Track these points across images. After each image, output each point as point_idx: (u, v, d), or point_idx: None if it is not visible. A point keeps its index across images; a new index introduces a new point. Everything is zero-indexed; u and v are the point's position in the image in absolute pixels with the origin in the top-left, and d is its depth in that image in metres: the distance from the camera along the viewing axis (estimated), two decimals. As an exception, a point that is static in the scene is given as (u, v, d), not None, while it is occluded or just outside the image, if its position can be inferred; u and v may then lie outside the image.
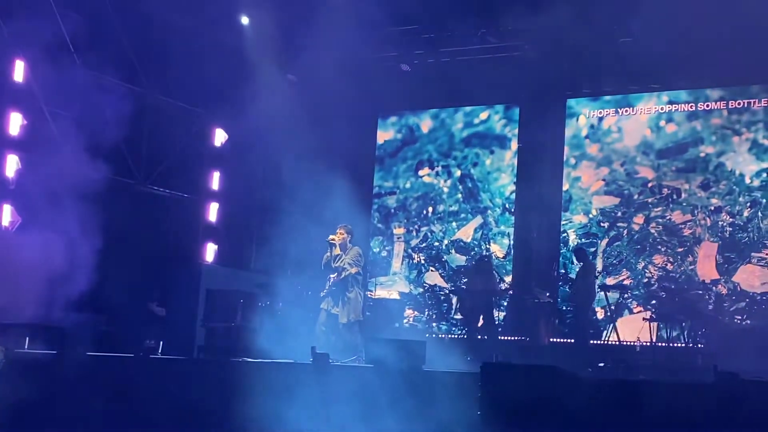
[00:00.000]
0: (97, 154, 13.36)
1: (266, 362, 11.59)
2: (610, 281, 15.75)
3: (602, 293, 14.72)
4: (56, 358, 11.24)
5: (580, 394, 8.41)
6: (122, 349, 12.20)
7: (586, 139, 16.71)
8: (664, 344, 13.65)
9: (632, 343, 14.82)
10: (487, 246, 17.21)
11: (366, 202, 17.74)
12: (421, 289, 17.66)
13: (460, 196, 17.64)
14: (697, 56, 14.72)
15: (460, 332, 16.38)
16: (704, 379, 8.69)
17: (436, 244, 17.68)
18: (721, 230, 15.52)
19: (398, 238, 17.96)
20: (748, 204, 15.37)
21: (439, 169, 17.85)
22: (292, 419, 9.77)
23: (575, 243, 16.35)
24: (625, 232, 16.25)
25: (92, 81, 13.89)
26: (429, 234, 17.77)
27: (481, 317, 14.76)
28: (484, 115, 17.64)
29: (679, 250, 15.76)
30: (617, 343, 14.44)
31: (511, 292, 16.45)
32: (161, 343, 13.15)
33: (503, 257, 17.03)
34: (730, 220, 15.47)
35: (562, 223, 16.70)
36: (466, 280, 16.41)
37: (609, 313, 14.96)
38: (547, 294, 15.22)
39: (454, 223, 17.64)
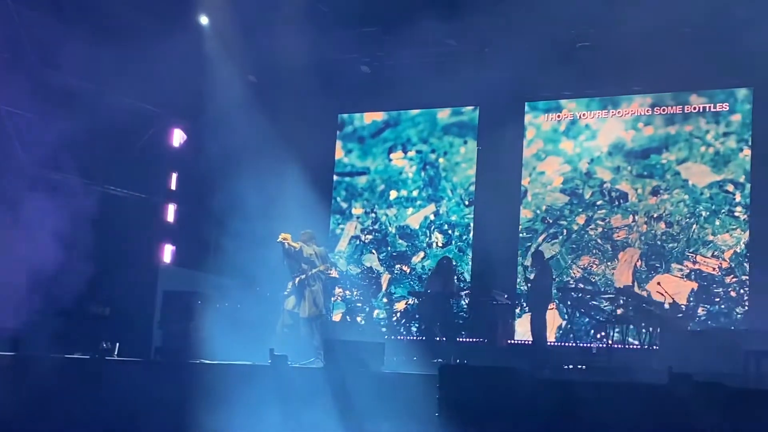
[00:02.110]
0: (53, 154, 13.23)
1: (224, 364, 11.55)
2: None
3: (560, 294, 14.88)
4: (12, 361, 11.12)
5: (537, 396, 8.47)
6: (78, 351, 12.09)
7: (563, 135, 16.69)
8: (619, 346, 13.79)
9: (589, 345, 14.97)
10: (431, 234, 17.36)
11: (326, 200, 17.85)
12: (357, 270, 17.83)
13: (422, 183, 17.73)
14: (666, 59, 14.84)
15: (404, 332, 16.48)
16: (659, 380, 8.78)
17: (385, 227, 17.80)
18: (652, 238, 15.71)
19: (357, 218, 18.07)
20: (689, 215, 15.55)
21: (413, 153, 17.89)
22: (249, 421, 9.74)
23: (516, 236, 16.56)
24: (565, 231, 16.42)
25: (49, 80, 13.74)
26: (383, 217, 17.87)
27: (440, 319, 14.78)
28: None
29: (609, 253, 15.99)
30: (574, 345, 14.58)
31: (467, 291, 16.54)
32: (117, 344, 13.04)
33: (442, 246, 17.25)
34: (665, 229, 15.66)
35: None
36: (426, 282, 16.48)
37: (567, 316, 15.10)
38: (506, 296, 15.29)
39: (409, 209, 17.73)
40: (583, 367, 12.87)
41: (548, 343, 14.79)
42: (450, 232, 17.37)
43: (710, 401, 7.81)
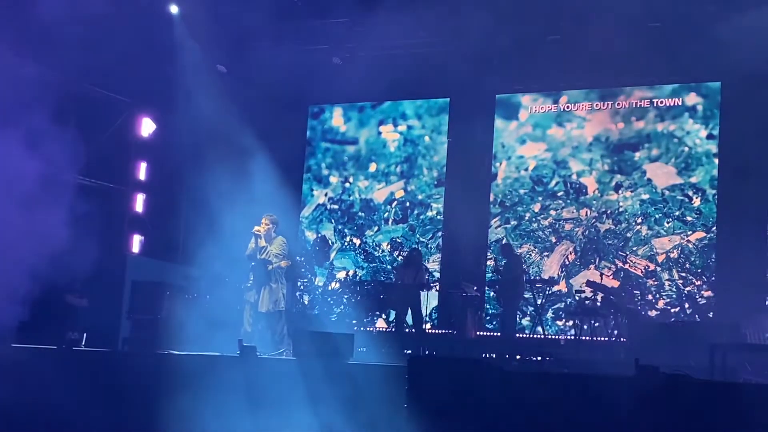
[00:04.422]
0: (20, 142, 13.07)
1: (192, 355, 11.51)
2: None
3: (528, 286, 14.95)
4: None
5: (505, 387, 8.51)
6: (45, 342, 11.99)
7: (554, 122, 16.59)
8: (587, 338, 13.88)
9: (557, 337, 15.05)
10: (390, 210, 17.51)
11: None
12: (313, 237, 17.98)
13: (400, 158, 17.73)
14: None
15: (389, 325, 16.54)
16: (626, 372, 8.85)
17: (353, 199, 17.89)
18: (595, 233, 15.86)
19: (332, 186, 18.12)
20: (641, 215, 15.65)
21: (403, 128, 17.82)
22: (218, 412, 9.71)
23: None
24: (518, 217, 16.53)
25: (16, 68, 13.58)
26: (355, 188, 17.94)
27: (409, 311, 14.80)
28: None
29: (549, 243, 16.18)
30: (543, 337, 14.66)
31: (437, 283, 16.58)
32: (85, 335, 12.94)
33: (396, 222, 17.47)
34: (611, 226, 15.79)
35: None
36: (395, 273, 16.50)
37: (535, 308, 15.15)
38: (475, 288, 15.33)
39: (381, 184, 17.79)
40: (551, 358, 12.94)
41: (516, 335, 14.87)
42: (409, 210, 17.42)
43: (677, 393, 7.88)
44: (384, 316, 16.63)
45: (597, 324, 13.93)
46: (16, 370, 10.71)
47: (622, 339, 13.42)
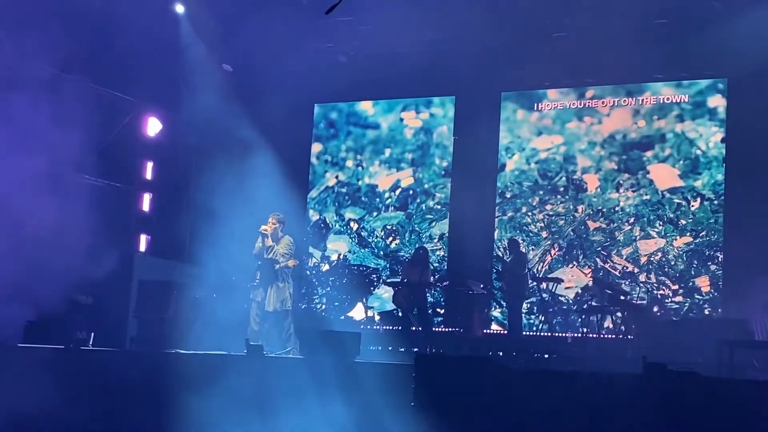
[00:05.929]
0: (26, 142, 13.10)
1: (199, 354, 11.53)
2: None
3: (534, 284, 14.94)
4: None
5: (512, 385, 8.51)
6: (52, 341, 12.01)
7: (575, 116, 16.34)
8: (594, 335, 13.86)
9: (564, 335, 15.03)
10: (392, 197, 17.48)
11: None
12: (317, 217, 17.96)
13: (414, 146, 17.61)
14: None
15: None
16: (633, 369, 8.85)
17: (362, 184, 17.84)
18: (584, 231, 15.80)
19: (345, 171, 18.03)
20: (634, 215, 15.58)
21: (426, 116, 17.65)
22: (225, 411, 9.72)
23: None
24: (514, 209, 16.50)
25: (22, 67, 13.61)
26: (365, 173, 17.84)
27: (416, 309, 14.81)
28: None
29: (537, 238, 16.15)
30: (549, 334, 14.65)
31: (446, 283, 16.56)
32: (92, 334, 12.97)
33: (396, 210, 17.43)
34: (602, 225, 15.74)
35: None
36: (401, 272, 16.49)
37: (542, 305, 15.15)
38: (481, 285, 15.31)
39: (392, 170, 17.68)
40: (558, 356, 12.95)
41: (523, 333, 14.86)
42: (411, 198, 17.40)
43: (684, 390, 7.87)
44: (364, 300, 16.65)
45: (605, 321, 13.93)
46: (23, 370, 10.73)
47: (629, 336, 13.40)
